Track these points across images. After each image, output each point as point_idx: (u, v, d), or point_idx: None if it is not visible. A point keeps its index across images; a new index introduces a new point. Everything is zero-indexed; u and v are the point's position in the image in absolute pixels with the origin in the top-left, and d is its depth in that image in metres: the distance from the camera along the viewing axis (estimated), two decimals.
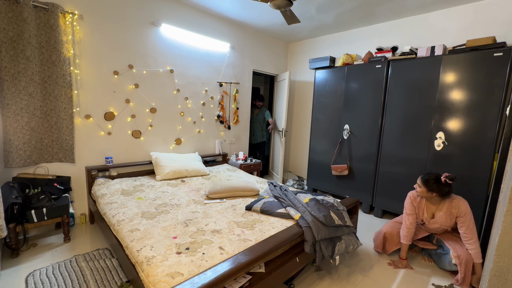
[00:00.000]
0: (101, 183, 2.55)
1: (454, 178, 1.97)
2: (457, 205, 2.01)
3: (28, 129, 2.26)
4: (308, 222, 1.78)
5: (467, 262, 1.90)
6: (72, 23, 2.41)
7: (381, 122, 3.12)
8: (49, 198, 2.15)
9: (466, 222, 1.96)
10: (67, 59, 2.39)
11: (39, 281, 1.77)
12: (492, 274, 1.04)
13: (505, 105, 2.32)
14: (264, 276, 1.48)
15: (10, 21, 2.10)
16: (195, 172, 3.06)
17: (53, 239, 2.35)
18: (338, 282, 1.95)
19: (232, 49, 3.82)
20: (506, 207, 0.98)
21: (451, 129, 2.62)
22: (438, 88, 2.68)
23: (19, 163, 2.24)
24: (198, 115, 3.58)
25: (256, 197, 2.41)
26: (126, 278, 1.81)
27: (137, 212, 1.96)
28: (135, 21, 2.82)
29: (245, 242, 1.57)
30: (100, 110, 2.70)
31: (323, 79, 3.68)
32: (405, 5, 2.94)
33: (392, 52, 3.10)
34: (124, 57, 2.79)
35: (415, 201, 2.18)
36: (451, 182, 1.98)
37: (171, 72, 3.19)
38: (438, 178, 2.03)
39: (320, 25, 3.69)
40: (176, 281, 1.20)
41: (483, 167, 2.44)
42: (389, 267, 2.15)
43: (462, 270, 1.90)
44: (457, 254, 1.94)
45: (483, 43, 2.43)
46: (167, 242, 1.54)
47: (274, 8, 2.14)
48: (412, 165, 2.89)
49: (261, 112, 4.63)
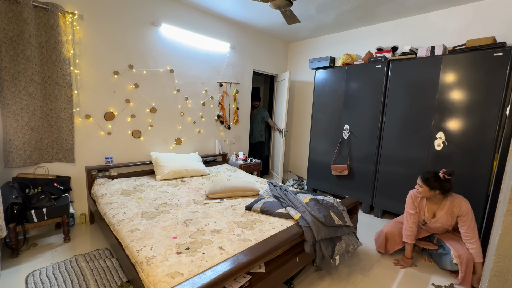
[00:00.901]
0: (101, 183, 2.55)
1: (452, 173, 1.99)
2: (458, 204, 2.01)
3: (28, 129, 2.26)
4: (308, 222, 1.78)
5: (468, 261, 1.90)
6: (72, 23, 2.41)
7: (381, 122, 3.12)
8: (49, 198, 2.15)
9: (467, 222, 1.96)
10: (67, 59, 2.39)
11: (39, 281, 1.77)
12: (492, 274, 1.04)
13: (505, 105, 2.32)
14: (264, 276, 1.48)
15: (10, 21, 2.10)
16: (195, 172, 3.06)
17: (53, 239, 2.35)
18: (338, 282, 1.94)
19: (232, 49, 3.82)
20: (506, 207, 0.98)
21: (451, 129, 2.62)
22: (438, 88, 2.68)
23: (19, 163, 2.24)
24: (198, 115, 3.58)
25: (256, 197, 2.41)
26: (126, 278, 1.81)
27: (137, 212, 1.96)
28: (135, 21, 2.82)
29: (245, 242, 1.57)
30: (100, 110, 2.70)
31: (323, 79, 3.68)
32: (405, 5, 2.94)
33: (392, 52, 3.10)
34: (124, 57, 2.79)
35: (416, 200, 2.18)
36: (450, 177, 1.99)
37: (171, 72, 3.19)
38: (437, 175, 2.04)
39: (320, 25, 3.69)
40: (176, 281, 1.20)
41: (483, 167, 2.44)
42: (389, 267, 2.15)
43: (463, 270, 1.90)
44: (458, 254, 1.94)
45: (483, 43, 2.43)
46: (167, 242, 1.54)
47: (274, 8, 2.14)
48: (412, 165, 2.89)
49: (260, 112, 4.64)
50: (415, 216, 2.15)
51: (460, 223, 2.00)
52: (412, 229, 2.13)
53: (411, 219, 2.15)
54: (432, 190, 2.04)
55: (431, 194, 2.07)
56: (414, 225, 2.14)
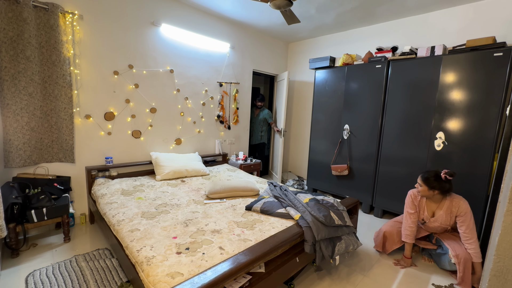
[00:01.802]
0: (101, 183, 2.55)
1: (454, 174, 1.99)
2: (457, 204, 2.01)
3: (28, 129, 2.26)
4: (308, 222, 1.78)
5: (466, 261, 1.90)
6: (72, 23, 2.41)
7: (381, 122, 3.12)
8: (49, 198, 2.15)
9: (466, 222, 1.96)
10: (67, 59, 2.39)
11: (39, 281, 1.77)
12: (492, 274, 1.04)
13: (505, 105, 2.32)
14: (264, 276, 1.48)
15: (10, 21, 2.10)
16: (195, 172, 3.06)
17: (53, 239, 2.35)
18: (338, 282, 1.94)
19: (232, 49, 3.82)
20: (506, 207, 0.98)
21: (451, 129, 2.62)
22: (438, 88, 2.68)
23: (19, 163, 2.24)
24: (198, 115, 3.58)
25: (256, 197, 2.41)
26: (126, 278, 1.81)
27: (137, 212, 1.96)
28: (135, 21, 2.82)
29: (245, 242, 1.57)
30: (100, 110, 2.70)
31: (323, 79, 3.68)
32: (405, 5, 2.94)
33: (392, 52, 3.10)
34: (124, 57, 2.79)
35: (415, 200, 2.18)
36: (451, 178, 1.99)
37: (171, 72, 3.19)
38: (438, 175, 2.04)
39: (320, 25, 3.69)
40: (176, 281, 1.20)
41: (483, 167, 2.44)
42: (389, 267, 2.15)
43: (461, 269, 1.90)
44: (456, 253, 1.94)
45: (483, 43, 2.43)
46: (167, 242, 1.54)
47: (274, 8, 2.14)
48: (412, 165, 2.89)
49: (262, 112, 4.57)
50: (415, 215, 2.15)
51: (459, 223, 2.00)
52: (411, 228, 2.14)
53: (410, 218, 2.15)
54: (431, 189, 2.04)
55: (430, 194, 2.07)
56: (414, 224, 2.14)
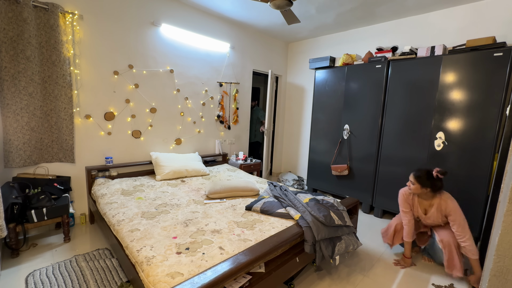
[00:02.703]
0: (101, 183, 2.55)
1: (445, 172, 2.01)
2: (445, 202, 2.04)
3: (28, 129, 2.26)
4: (308, 222, 1.78)
5: (450, 245, 1.94)
6: (72, 23, 2.41)
7: (381, 122, 3.12)
8: (49, 198, 2.15)
9: (456, 220, 1.97)
10: (67, 59, 2.39)
11: (39, 281, 1.77)
12: (492, 274, 1.04)
13: (505, 105, 2.32)
14: (264, 276, 1.48)
15: (10, 21, 2.10)
16: (195, 172, 3.06)
17: (53, 239, 2.35)
18: (338, 282, 1.94)
19: (232, 49, 3.82)
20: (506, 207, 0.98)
21: (451, 129, 2.62)
22: (438, 88, 2.68)
23: (19, 163, 2.24)
24: (198, 115, 3.58)
25: (256, 197, 2.41)
26: (126, 278, 1.81)
27: (137, 212, 1.96)
28: (135, 21, 2.82)
29: (245, 242, 1.57)
30: (100, 110, 2.70)
31: (323, 79, 3.68)
32: (405, 5, 2.94)
33: (392, 52, 3.10)
34: (124, 57, 2.79)
35: (408, 198, 2.19)
36: (443, 176, 2.01)
37: (171, 72, 3.19)
38: (430, 173, 2.06)
39: (320, 25, 3.69)
40: (176, 281, 1.20)
41: (483, 167, 2.44)
42: (388, 267, 2.15)
43: (446, 253, 1.94)
44: (440, 238, 1.99)
45: (483, 43, 2.43)
46: (167, 242, 1.54)
47: (274, 8, 2.14)
48: (412, 165, 2.88)
49: (256, 112, 4.58)
50: (410, 213, 2.17)
51: (451, 222, 2.02)
52: (409, 227, 2.15)
53: (406, 217, 2.17)
54: (423, 188, 2.06)
55: (422, 192, 2.09)
56: (411, 223, 2.16)
